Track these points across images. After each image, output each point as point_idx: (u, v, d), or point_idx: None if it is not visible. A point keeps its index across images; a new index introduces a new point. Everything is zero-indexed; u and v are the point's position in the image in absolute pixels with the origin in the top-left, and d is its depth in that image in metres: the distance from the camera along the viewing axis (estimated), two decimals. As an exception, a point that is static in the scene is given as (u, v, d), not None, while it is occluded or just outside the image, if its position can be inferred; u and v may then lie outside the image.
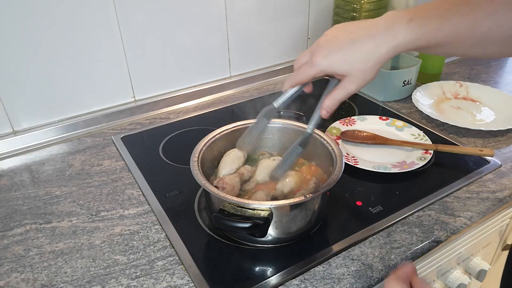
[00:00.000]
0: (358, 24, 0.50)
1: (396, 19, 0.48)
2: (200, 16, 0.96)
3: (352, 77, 0.50)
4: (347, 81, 0.50)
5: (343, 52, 0.49)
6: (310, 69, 0.51)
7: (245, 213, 0.52)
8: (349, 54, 0.49)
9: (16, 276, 0.57)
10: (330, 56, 0.50)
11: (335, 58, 0.49)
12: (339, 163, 0.61)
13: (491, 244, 0.83)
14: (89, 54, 0.87)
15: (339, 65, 0.50)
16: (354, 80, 0.50)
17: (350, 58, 0.49)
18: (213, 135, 0.68)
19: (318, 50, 0.51)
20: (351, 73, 0.50)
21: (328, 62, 0.50)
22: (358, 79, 0.50)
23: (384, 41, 0.48)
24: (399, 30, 0.47)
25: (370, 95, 1.04)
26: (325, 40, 0.51)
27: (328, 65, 0.50)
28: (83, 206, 0.69)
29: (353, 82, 0.50)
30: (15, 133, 0.86)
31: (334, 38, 0.50)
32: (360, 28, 0.49)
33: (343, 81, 0.51)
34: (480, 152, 0.77)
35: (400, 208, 0.67)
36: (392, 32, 0.47)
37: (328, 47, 0.50)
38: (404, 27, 0.47)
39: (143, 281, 0.55)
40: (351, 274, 0.56)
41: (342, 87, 0.51)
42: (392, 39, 0.47)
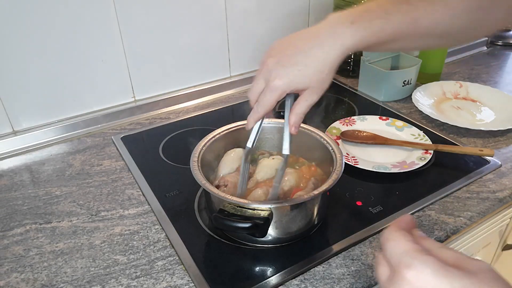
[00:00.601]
0: (301, 35, 0.51)
1: (339, 23, 0.48)
2: (200, 16, 0.96)
3: (312, 89, 0.50)
4: (308, 94, 0.50)
5: (298, 68, 0.49)
6: (271, 95, 0.50)
7: (245, 213, 0.52)
8: (304, 69, 0.49)
9: (16, 276, 0.57)
10: (287, 75, 0.49)
11: (292, 76, 0.49)
12: (339, 163, 0.61)
13: (491, 244, 0.83)
14: (89, 54, 0.87)
15: (298, 82, 0.49)
16: (314, 91, 0.50)
17: (306, 72, 0.49)
18: (213, 135, 0.68)
19: (272, 73, 0.50)
20: (310, 86, 0.50)
21: (286, 82, 0.49)
22: (317, 89, 0.50)
23: (332, 47, 0.48)
24: (343, 34, 0.48)
25: (370, 95, 1.04)
26: (275, 62, 0.50)
27: (288, 85, 0.49)
28: (83, 206, 0.69)
29: (313, 93, 0.50)
30: (15, 133, 0.86)
31: (283, 56, 0.50)
32: (305, 39, 0.50)
33: (304, 94, 0.51)
34: (480, 152, 0.77)
35: (400, 208, 0.67)
36: (337, 37, 0.48)
37: (281, 67, 0.49)
38: (348, 30, 0.48)
39: (143, 281, 0.55)
40: (351, 274, 0.56)
41: (304, 100, 0.51)
42: (340, 44, 0.48)
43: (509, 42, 1.38)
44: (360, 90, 1.06)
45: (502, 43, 1.38)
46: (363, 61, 1.02)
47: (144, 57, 0.94)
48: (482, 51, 1.34)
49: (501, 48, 1.37)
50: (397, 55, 1.07)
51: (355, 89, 1.07)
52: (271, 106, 0.51)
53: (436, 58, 1.08)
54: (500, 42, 1.39)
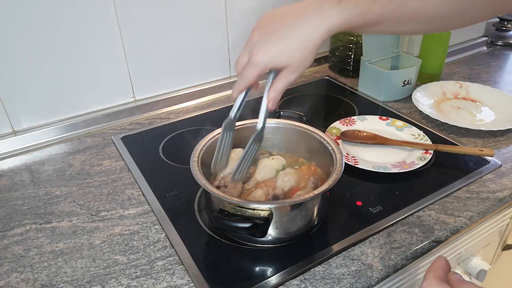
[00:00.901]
0: (289, 9, 0.50)
1: (326, 1, 0.48)
2: (200, 16, 0.96)
3: (292, 66, 0.50)
4: (287, 71, 0.50)
5: (280, 45, 0.49)
6: (253, 70, 0.51)
7: (245, 213, 0.52)
8: (286, 46, 0.49)
9: (16, 276, 0.57)
10: (268, 51, 0.49)
11: (274, 52, 0.49)
12: (339, 163, 0.61)
13: (491, 244, 0.83)
14: (89, 54, 0.87)
15: (279, 59, 0.50)
16: (294, 69, 0.50)
17: (287, 49, 0.49)
18: (213, 135, 0.68)
19: (255, 48, 0.50)
20: (291, 63, 0.50)
21: (267, 57, 0.49)
22: (298, 67, 0.50)
23: (316, 25, 0.48)
24: (330, 12, 0.47)
25: (370, 95, 1.04)
26: (260, 36, 0.50)
27: (268, 61, 0.50)
28: (83, 206, 0.69)
29: (293, 71, 0.50)
30: (15, 133, 0.86)
31: (268, 31, 0.50)
32: (292, 14, 0.49)
33: (284, 71, 0.51)
34: (480, 152, 0.77)
35: (400, 208, 0.67)
36: (323, 15, 0.48)
37: (264, 42, 0.49)
38: (334, 9, 0.47)
39: (143, 281, 0.55)
40: (351, 274, 0.56)
41: (283, 77, 0.51)
42: (324, 23, 0.48)
43: (509, 42, 1.38)
44: (360, 90, 1.06)
45: (502, 43, 1.38)
46: (363, 61, 1.02)
47: (144, 57, 0.94)
48: (482, 51, 1.34)
49: (501, 48, 1.37)
50: (397, 55, 1.08)
51: (355, 89, 1.07)
52: (253, 80, 0.52)
53: (436, 58, 1.08)
54: (500, 42, 1.39)
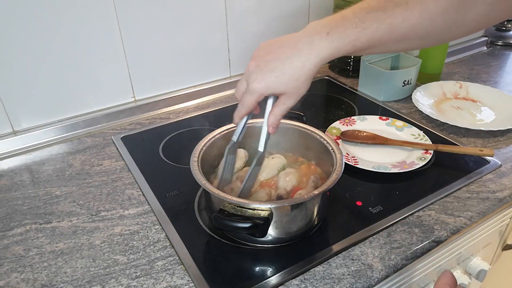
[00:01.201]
0: (282, 42, 0.53)
1: (316, 33, 0.50)
2: (200, 16, 0.96)
3: (288, 94, 0.53)
4: (285, 98, 0.54)
5: (275, 74, 0.51)
6: (251, 97, 0.54)
7: (245, 213, 0.52)
8: (280, 75, 0.51)
9: (16, 276, 0.57)
10: (264, 80, 0.52)
11: (269, 81, 0.52)
12: (339, 163, 0.61)
13: (491, 244, 0.83)
14: (89, 54, 0.87)
15: (274, 87, 0.52)
16: (290, 96, 0.53)
17: (282, 78, 0.51)
18: (213, 135, 0.68)
19: (251, 77, 0.53)
20: (287, 91, 0.52)
21: (263, 86, 0.52)
22: (294, 94, 0.53)
23: (309, 57, 0.50)
24: (320, 44, 0.50)
25: (370, 95, 1.04)
26: (255, 65, 0.53)
27: (265, 89, 0.53)
28: (83, 206, 0.69)
29: (290, 98, 0.53)
30: (15, 133, 0.86)
31: (263, 62, 0.53)
32: (284, 46, 0.52)
33: (281, 98, 0.54)
34: (480, 152, 0.77)
35: (400, 208, 0.67)
36: (313, 47, 0.50)
37: (260, 71, 0.52)
38: (324, 41, 0.49)
39: (143, 281, 0.55)
40: (351, 274, 0.56)
41: (281, 104, 0.54)
42: (316, 54, 0.50)
43: (509, 42, 1.38)
44: (360, 90, 1.06)
45: (502, 43, 1.38)
46: (363, 61, 1.03)
47: (144, 57, 0.94)
48: (482, 51, 1.34)
49: (501, 48, 1.37)
50: (397, 55, 1.08)
51: (355, 89, 1.07)
52: (252, 106, 0.55)
53: (436, 58, 1.08)
54: (500, 42, 1.39)
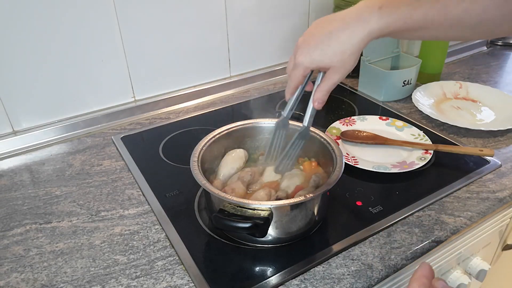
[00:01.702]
0: (333, 17, 0.53)
1: (366, 8, 0.50)
2: (200, 16, 0.96)
3: (334, 68, 0.52)
4: (330, 73, 0.53)
5: (321, 47, 0.52)
6: (297, 71, 0.54)
7: (245, 213, 0.52)
8: (326, 48, 0.51)
9: (16, 276, 0.57)
10: (309, 53, 0.52)
11: (315, 54, 0.52)
12: (339, 163, 0.61)
13: (491, 244, 0.83)
14: (89, 54, 0.87)
15: (319, 60, 0.52)
16: (336, 70, 0.53)
17: (327, 51, 0.51)
18: (213, 135, 0.68)
19: (298, 51, 0.54)
20: (332, 65, 0.52)
21: (308, 59, 0.53)
22: (340, 69, 0.52)
23: (356, 30, 0.50)
24: (370, 18, 0.49)
25: (370, 95, 1.04)
26: (303, 40, 0.54)
27: (310, 62, 0.53)
28: (83, 206, 0.69)
29: (336, 72, 0.53)
30: (15, 133, 0.86)
31: (310, 35, 0.53)
32: (334, 20, 0.52)
33: (328, 73, 0.54)
34: (480, 152, 0.77)
35: (400, 208, 0.67)
36: (363, 20, 0.49)
37: (306, 45, 0.53)
38: (374, 15, 0.49)
39: (143, 281, 0.55)
40: (351, 274, 0.56)
41: (327, 78, 0.54)
42: (364, 28, 0.49)
43: (509, 42, 1.38)
44: (360, 90, 1.06)
45: (502, 43, 1.38)
46: (363, 61, 1.02)
47: (144, 57, 0.94)
48: (482, 51, 1.34)
49: (501, 48, 1.37)
50: (397, 55, 1.08)
51: (355, 89, 1.07)
52: (299, 80, 0.55)
53: (436, 58, 1.08)
54: (500, 42, 1.39)
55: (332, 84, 0.54)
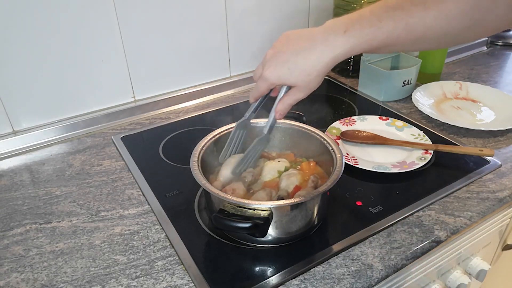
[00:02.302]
0: (302, 33, 0.54)
1: (333, 31, 0.51)
2: (200, 16, 0.96)
3: (299, 87, 0.55)
4: (295, 90, 0.55)
5: (288, 65, 0.53)
6: (263, 83, 0.56)
7: (245, 213, 0.52)
8: (293, 68, 0.53)
9: (16, 276, 0.57)
10: (276, 70, 0.54)
11: (281, 72, 0.54)
12: (339, 163, 0.61)
13: (491, 244, 0.83)
14: (89, 54, 0.87)
15: (286, 78, 0.54)
16: (300, 89, 0.55)
17: (294, 71, 0.53)
18: (213, 135, 0.68)
19: (266, 64, 0.55)
20: (297, 84, 0.54)
21: (275, 75, 0.54)
22: (304, 88, 0.55)
23: (323, 53, 0.51)
24: (336, 42, 0.50)
25: (370, 95, 1.04)
26: (272, 54, 0.55)
27: (277, 78, 0.55)
28: (83, 206, 0.69)
29: (300, 91, 0.55)
30: (15, 133, 0.86)
31: (279, 51, 0.54)
32: (303, 38, 0.53)
33: (293, 89, 0.56)
34: (480, 152, 0.77)
35: (400, 208, 0.67)
36: (330, 44, 0.51)
37: (274, 60, 0.54)
38: (340, 38, 0.50)
39: (143, 281, 0.55)
40: (351, 274, 0.56)
41: (292, 94, 0.56)
42: (331, 51, 0.51)
43: (509, 42, 1.38)
44: (360, 90, 1.06)
45: (502, 43, 1.38)
46: (363, 61, 1.03)
47: (144, 57, 0.94)
48: (482, 51, 1.34)
49: (501, 48, 1.37)
50: (397, 55, 1.07)
51: (355, 89, 1.07)
52: (264, 91, 0.58)
53: (436, 58, 1.08)
54: (500, 42, 1.39)
55: (295, 100, 0.56)
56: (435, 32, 0.48)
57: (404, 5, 0.48)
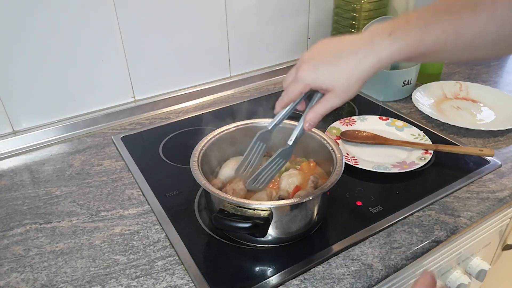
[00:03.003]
0: (342, 40, 0.51)
1: (377, 34, 0.48)
2: (200, 16, 0.96)
3: (336, 92, 0.50)
4: (331, 96, 0.50)
5: (328, 67, 0.49)
6: (296, 85, 0.52)
7: (245, 213, 0.52)
8: (333, 69, 0.49)
9: (16, 276, 0.57)
10: (315, 71, 0.50)
11: (320, 73, 0.50)
12: (339, 163, 0.61)
13: (491, 244, 0.83)
14: (89, 54, 0.87)
15: (323, 80, 0.50)
16: (337, 94, 0.50)
17: (334, 73, 0.49)
18: (213, 135, 0.68)
19: (302, 65, 0.51)
20: (335, 88, 0.50)
21: (313, 76, 0.50)
22: (342, 93, 0.50)
23: (366, 56, 0.48)
24: (380, 45, 0.47)
25: (370, 95, 1.04)
26: (310, 56, 0.51)
27: (313, 80, 0.50)
28: (83, 206, 0.69)
29: (336, 96, 0.50)
30: (15, 133, 0.86)
31: (319, 54, 0.50)
32: (343, 44, 0.50)
33: (327, 95, 0.51)
34: (480, 152, 0.77)
35: (400, 208, 0.67)
36: (373, 46, 0.47)
37: (313, 62, 0.50)
38: (385, 41, 0.47)
39: (143, 281, 0.55)
40: (351, 274, 0.56)
41: (326, 101, 0.51)
42: (374, 54, 0.47)
43: (509, 42, 1.37)
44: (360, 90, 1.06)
45: (502, 43, 1.38)
46: (363, 61, 1.02)
47: (144, 57, 0.94)
48: (482, 51, 1.33)
49: (501, 48, 1.36)
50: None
51: (355, 89, 1.07)
52: (295, 96, 0.52)
53: (436, 58, 1.08)
54: (500, 42, 1.38)
55: (329, 108, 0.51)
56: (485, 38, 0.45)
57: (453, 9, 0.45)
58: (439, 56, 0.48)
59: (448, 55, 0.49)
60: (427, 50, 0.47)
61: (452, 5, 0.46)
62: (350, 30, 1.10)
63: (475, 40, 0.45)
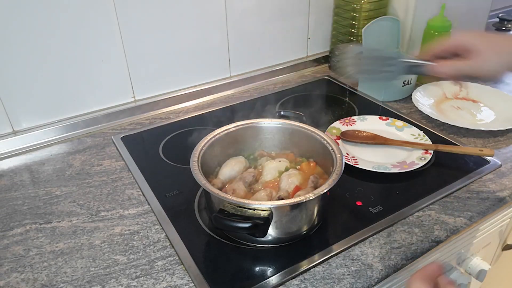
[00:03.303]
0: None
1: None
2: (200, 16, 0.96)
3: (483, 58, 0.44)
4: (475, 61, 0.44)
5: (484, 34, 0.46)
6: (452, 38, 0.48)
7: (245, 213, 0.52)
8: (486, 37, 0.45)
9: (16, 276, 0.57)
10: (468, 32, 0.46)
11: (473, 33, 0.45)
12: (339, 163, 0.61)
13: (491, 244, 0.83)
14: (89, 54, 0.87)
15: (473, 41, 0.45)
16: (484, 61, 0.44)
17: (486, 37, 0.45)
18: (213, 135, 0.68)
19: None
20: (485, 53, 0.44)
21: (465, 36, 0.46)
22: (488, 62, 0.44)
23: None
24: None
25: (370, 95, 1.04)
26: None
27: (465, 39, 0.46)
28: (83, 206, 0.69)
29: (479, 65, 0.44)
30: (15, 133, 0.86)
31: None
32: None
33: (473, 59, 0.45)
34: (480, 152, 0.77)
35: (400, 208, 0.67)
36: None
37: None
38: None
39: (143, 281, 0.55)
40: (351, 274, 0.56)
41: (471, 63, 0.45)
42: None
43: (509, 42, 1.38)
44: (360, 90, 1.06)
45: (502, 43, 1.38)
46: (363, 61, 1.02)
47: (144, 57, 0.94)
48: (482, 51, 1.33)
49: (501, 48, 1.36)
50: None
51: (355, 89, 1.07)
52: (446, 46, 0.50)
53: (436, 58, 1.08)
54: (500, 42, 1.38)
55: (472, 72, 0.45)
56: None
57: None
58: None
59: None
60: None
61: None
62: (350, 30, 1.10)
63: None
